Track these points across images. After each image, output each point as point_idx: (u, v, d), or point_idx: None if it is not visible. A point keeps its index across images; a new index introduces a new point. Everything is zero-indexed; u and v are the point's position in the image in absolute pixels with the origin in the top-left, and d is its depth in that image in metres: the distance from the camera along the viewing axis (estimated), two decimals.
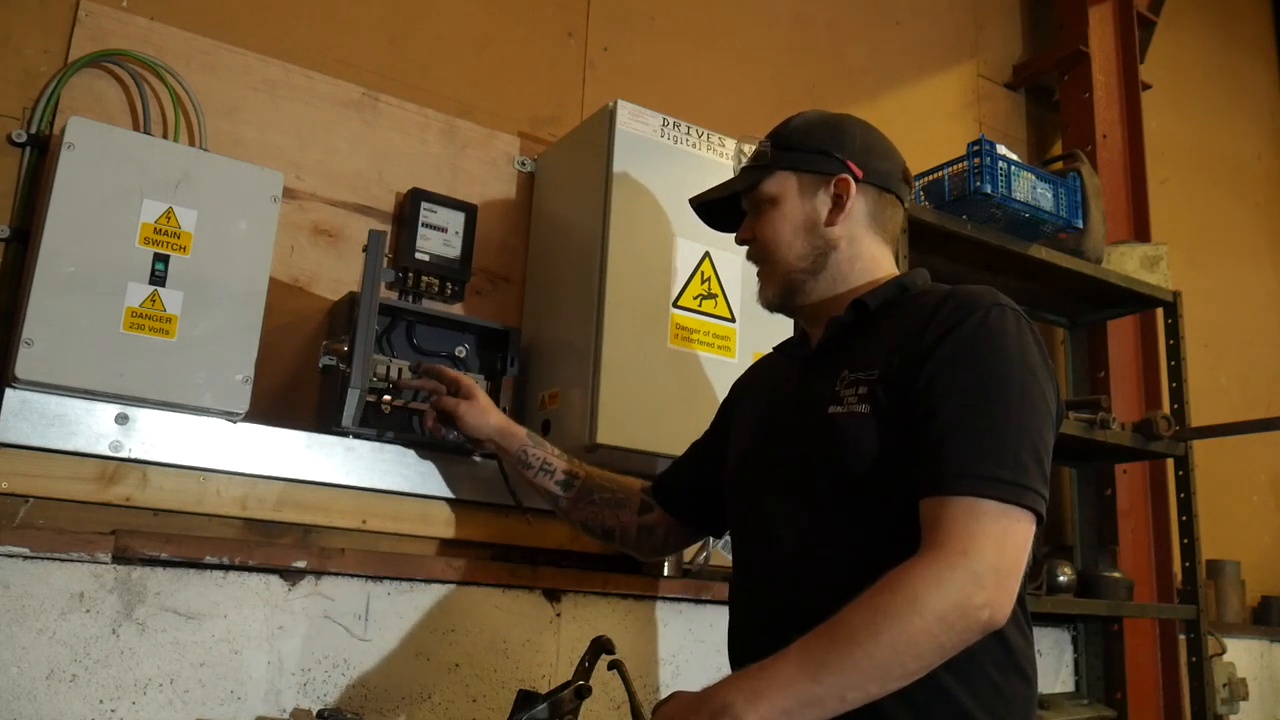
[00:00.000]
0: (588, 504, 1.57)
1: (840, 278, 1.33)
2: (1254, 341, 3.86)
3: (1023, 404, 1.10)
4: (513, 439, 1.58)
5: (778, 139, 1.37)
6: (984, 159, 2.31)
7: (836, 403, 1.21)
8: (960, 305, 1.17)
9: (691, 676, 1.97)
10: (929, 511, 1.08)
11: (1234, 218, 3.99)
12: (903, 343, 1.18)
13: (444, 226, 1.88)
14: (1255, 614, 3.44)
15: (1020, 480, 1.06)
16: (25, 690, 1.37)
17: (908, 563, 1.04)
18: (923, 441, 1.11)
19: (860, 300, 1.28)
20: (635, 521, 1.57)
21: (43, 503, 1.50)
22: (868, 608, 1.01)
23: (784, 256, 1.33)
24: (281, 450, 1.66)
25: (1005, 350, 1.13)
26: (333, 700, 1.60)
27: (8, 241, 1.57)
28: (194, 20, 1.78)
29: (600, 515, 1.57)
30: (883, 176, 1.35)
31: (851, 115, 1.40)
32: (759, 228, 1.36)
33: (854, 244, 1.33)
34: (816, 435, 1.22)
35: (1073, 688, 2.86)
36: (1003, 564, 1.03)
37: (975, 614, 1.01)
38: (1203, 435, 2.82)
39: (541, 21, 2.24)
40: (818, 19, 2.76)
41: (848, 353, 1.25)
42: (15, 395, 1.44)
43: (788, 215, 1.34)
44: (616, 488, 1.58)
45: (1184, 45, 3.92)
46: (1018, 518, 1.06)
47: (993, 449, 1.07)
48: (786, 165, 1.34)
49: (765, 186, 1.35)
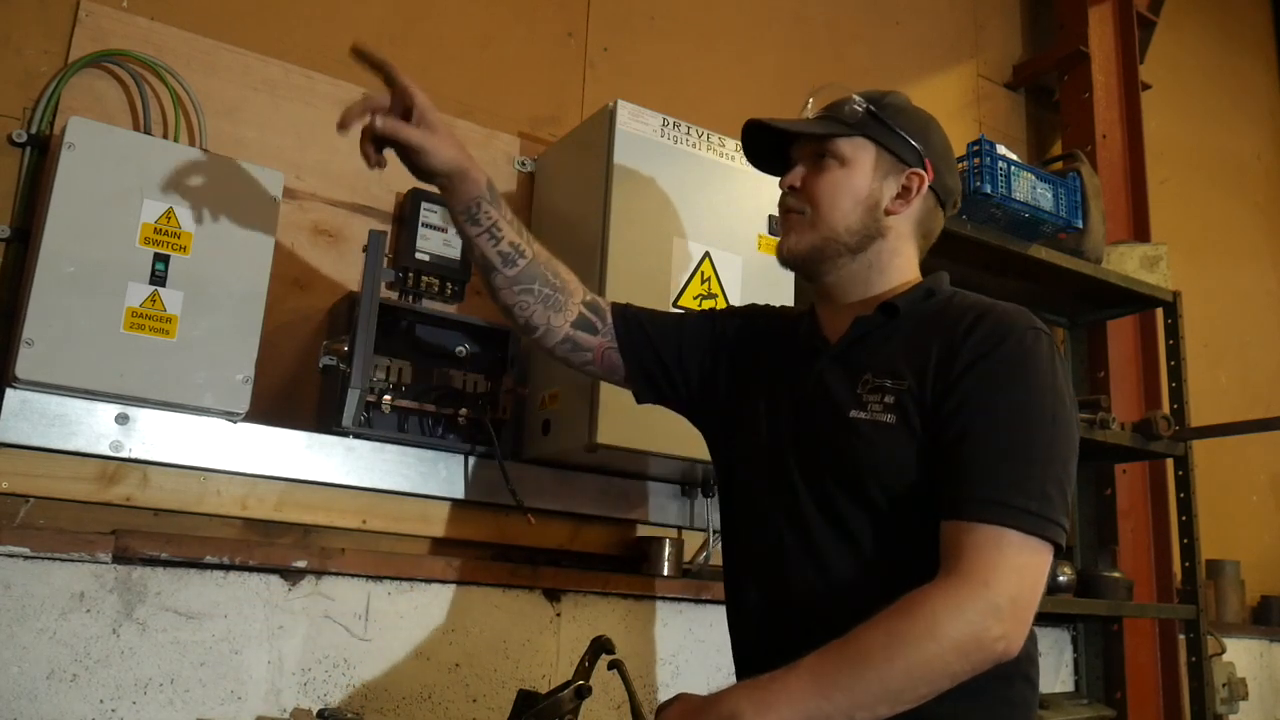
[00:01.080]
0: (524, 291, 1.36)
1: (876, 267, 1.29)
2: (1254, 341, 3.86)
3: (1054, 433, 1.10)
4: (470, 183, 1.30)
5: (874, 104, 1.29)
6: (984, 159, 2.31)
7: (859, 407, 1.18)
8: (997, 326, 1.16)
9: (691, 676, 1.97)
10: (951, 535, 1.07)
11: (1234, 218, 3.99)
12: (936, 358, 1.16)
13: (444, 226, 1.88)
14: (1255, 614, 3.44)
15: (1045, 512, 1.05)
16: (26, 690, 1.38)
17: (928, 587, 1.03)
18: (951, 462, 1.10)
19: (890, 303, 1.24)
20: (565, 330, 1.39)
21: (43, 503, 1.51)
22: (885, 630, 1.01)
23: (834, 221, 1.26)
24: (281, 450, 1.66)
25: (1039, 376, 1.12)
26: (333, 700, 1.60)
27: (8, 241, 1.57)
28: (194, 20, 1.78)
29: (531, 308, 1.36)
30: (946, 190, 1.33)
31: (937, 120, 1.36)
32: (815, 182, 1.28)
33: (899, 240, 1.29)
34: (837, 441, 1.19)
35: (1072, 687, 2.86)
36: (1021, 596, 1.03)
37: (991, 645, 1.01)
38: (1202, 435, 2.82)
39: (541, 21, 2.24)
40: (818, 19, 2.76)
41: (870, 354, 1.23)
42: (15, 395, 1.45)
43: (855, 184, 1.27)
44: (559, 286, 1.38)
45: (1184, 45, 3.92)
46: (1038, 549, 1.05)
47: (1021, 479, 1.06)
48: (874, 135, 1.27)
49: (842, 144, 1.27)
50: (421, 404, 1.75)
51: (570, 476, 1.94)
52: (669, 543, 1.92)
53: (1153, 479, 3.04)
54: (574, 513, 1.96)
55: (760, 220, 1.91)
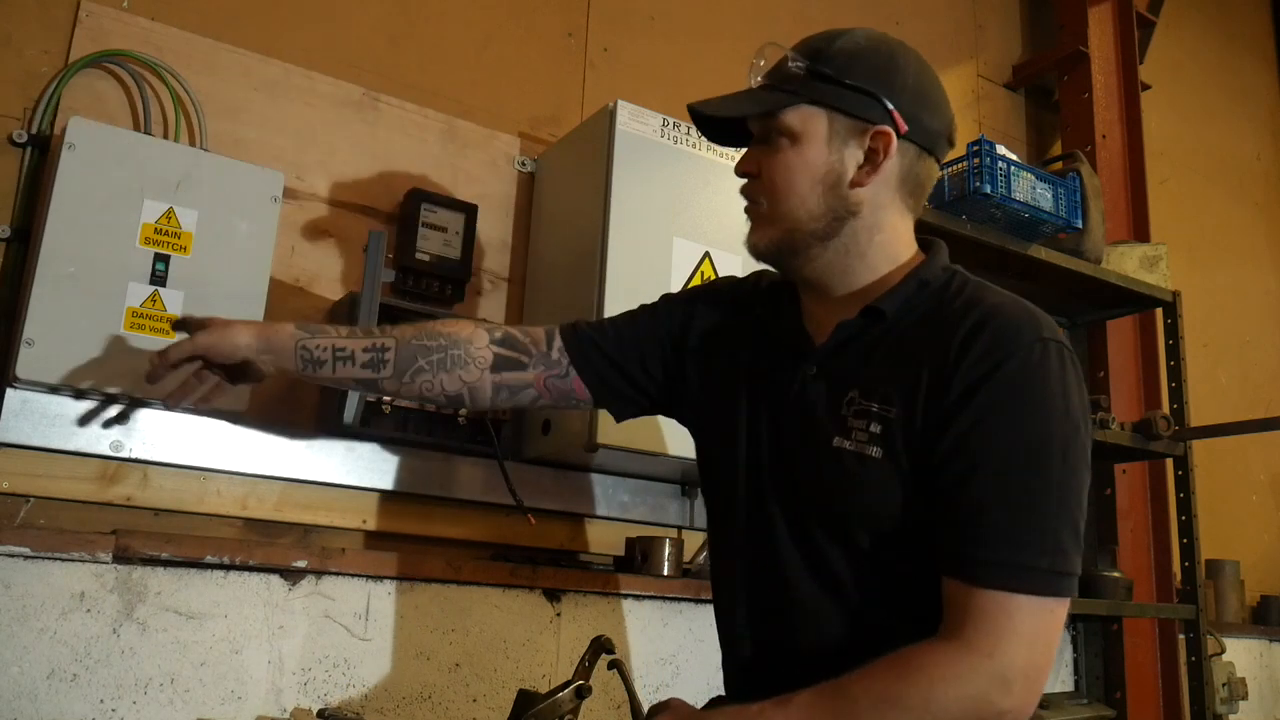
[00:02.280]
0: (415, 374, 1.24)
1: (855, 251, 1.10)
2: (1254, 341, 3.86)
3: (1065, 470, 0.97)
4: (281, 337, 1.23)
5: (816, 59, 1.10)
6: (984, 159, 2.31)
7: (843, 434, 1.05)
8: (998, 340, 1.00)
9: (691, 676, 1.97)
10: (955, 595, 0.97)
11: (1234, 218, 3.99)
12: (927, 382, 1.01)
13: (444, 226, 1.88)
14: (1254, 613, 3.44)
15: (1059, 567, 0.95)
16: (26, 690, 1.38)
17: (927, 648, 0.96)
18: (951, 510, 0.98)
19: (874, 308, 1.09)
20: (488, 379, 1.26)
21: (43, 502, 1.51)
22: (878, 692, 0.94)
23: (792, 209, 1.09)
24: (281, 450, 1.66)
25: (1049, 401, 0.98)
26: (333, 700, 1.60)
27: (8, 241, 1.57)
28: (194, 20, 1.78)
29: (437, 382, 1.25)
30: (929, 135, 1.11)
31: (905, 44, 1.15)
32: (768, 164, 1.11)
33: (878, 212, 1.10)
34: (819, 474, 1.06)
35: (1072, 687, 2.86)
36: (1032, 664, 0.94)
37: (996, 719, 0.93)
38: (1202, 435, 2.82)
39: (541, 21, 2.24)
40: (818, 19, 2.76)
41: (856, 366, 1.08)
42: (16, 395, 1.45)
43: (809, 161, 1.09)
44: (447, 343, 1.25)
45: (1184, 45, 3.92)
46: (1052, 608, 0.95)
47: (1031, 533, 0.95)
48: (820, 99, 1.08)
49: (787, 117, 1.09)
50: (421, 404, 1.75)
51: (570, 476, 1.94)
52: (669, 543, 1.92)
53: (1152, 479, 3.04)
54: (574, 513, 1.96)
55: None
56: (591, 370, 1.28)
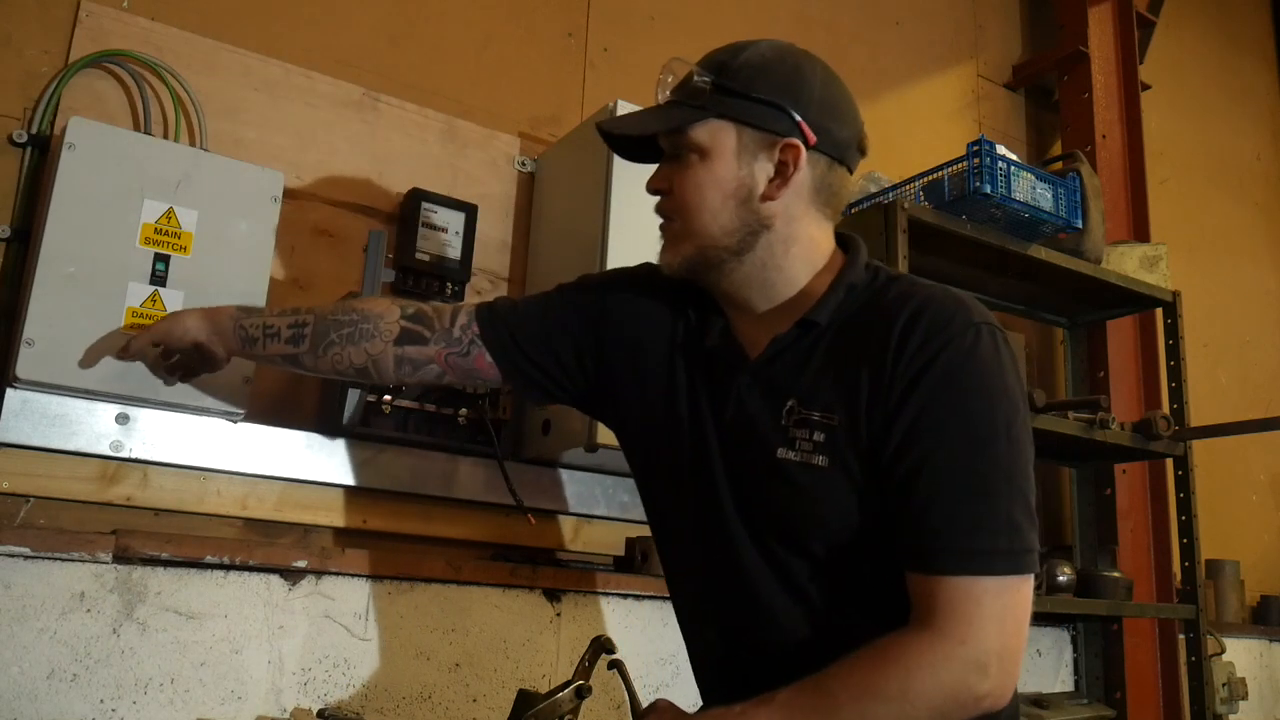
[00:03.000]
0: (327, 347, 1.28)
1: (771, 264, 1.10)
2: (1254, 341, 3.86)
3: (1012, 450, 0.99)
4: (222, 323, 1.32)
5: (722, 74, 1.09)
6: (983, 159, 2.31)
7: (786, 445, 1.05)
8: (931, 331, 1.01)
9: (691, 677, 1.97)
10: (920, 588, 0.98)
11: (1234, 218, 4.00)
12: (868, 386, 1.02)
13: (444, 226, 1.88)
14: (1254, 613, 3.44)
15: (1016, 545, 0.97)
16: (26, 690, 1.38)
17: (901, 639, 0.97)
18: (906, 506, 0.99)
19: (809, 319, 1.09)
20: (390, 352, 1.27)
21: (43, 502, 1.51)
22: (856, 684, 0.95)
23: (704, 226, 1.09)
24: (281, 450, 1.66)
25: (988, 385, 1.00)
26: (333, 700, 1.60)
27: (8, 241, 1.57)
28: (194, 20, 1.78)
29: (345, 355, 1.28)
30: (838, 146, 1.10)
31: (811, 55, 1.14)
32: (679, 180, 1.11)
33: (792, 223, 1.10)
34: (767, 485, 1.07)
35: (1072, 687, 2.86)
36: (1005, 645, 0.96)
37: (975, 704, 0.95)
38: (1202, 435, 2.82)
39: (541, 21, 2.24)
40: (818, 20, 2.76)
41: (793, 376, 1.08)
42: (16, 395, 1.45)
43: (718, 177, 1.08)
44: (360, 318, 1.28)
45: (1184, 45, 3.92)
46: (1017, 586, 0.97)
47: (985, 514, 0.97)
48: (727, 113, 1.08)
49: (695, 133, 1.08)
50: (421, 404, 1.75)
51: (570, 476, 1.94)
52: None
53: (1152, 479, 3.04)
54: (574, 513, 1.96)
55: None
56: (500, 350, 1.26)
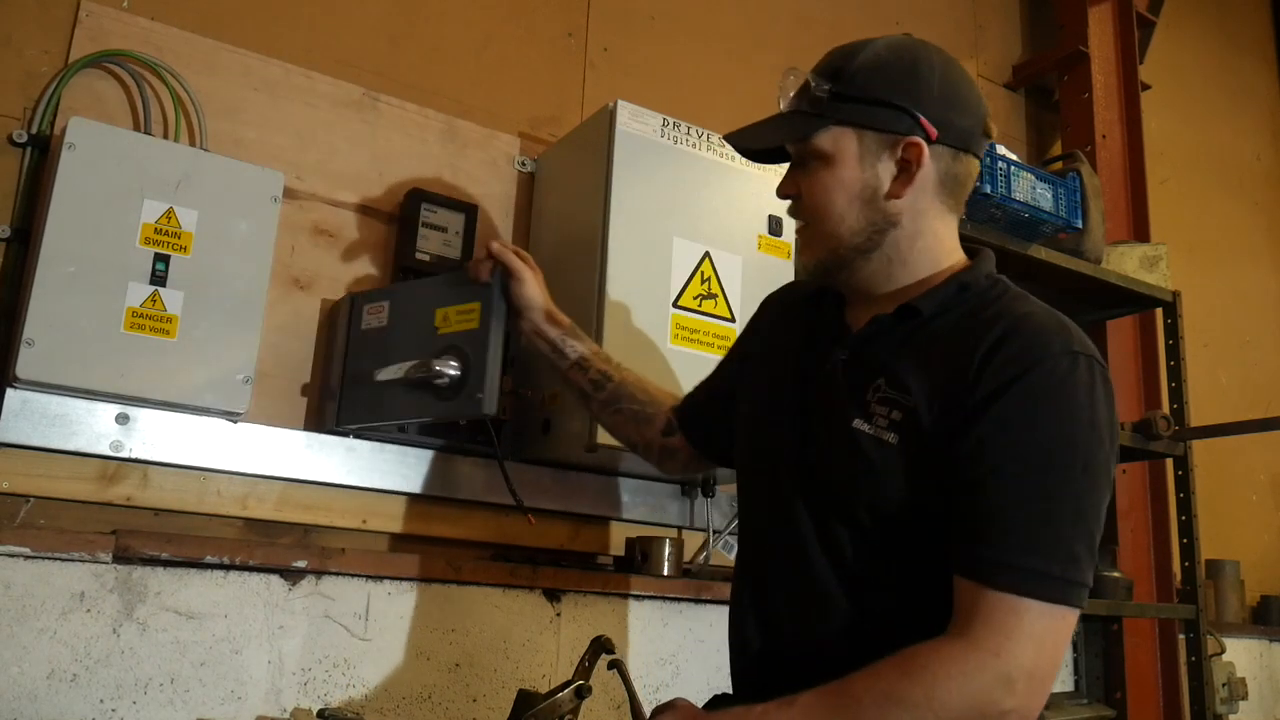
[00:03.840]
0: (614, 411, 1.47)
1: (898, 259, 1.13)
2: (1254, 341, 3.86)
3: (1084, 480, 0.98)
4: (554, 323, 1.47)
5: (838, 80, 1.11)
6: (984, 159, 2.31)
7: (864, 417, 1.07)
8: (1025, 349, 1.01)
9: (691, 676, 1.97)
10: (965, 594, 0.98)
11: (1234, 218, 3.99)
12: (947, 379, 1.03)
13: (444, 226, 1.88)
14: (1254, 614, 3.44)
15: (1070, 575, 0.96)
16: (26, 690, 1.38)
17: (933, 646, 0.96)
18: (967, 509, 0.99)
19: (911, 305, 1.11)
20: (659, 441, 1.46)
21: (43, 502, 1.51)
22: (882, 690, 0.95)
23: (834, 228, 1.12)
24: (281, 450, 1.66)
25: (1074, 412, 0.99)
26: (333, 700, 1.60)
27: (8, 241, 1.57)
28: (194, 20, 1.78)
29: (624, 426, 1.48)
30: (962, 135, 1.11)
31: (929, 45, 1.15)
32: (807, 186, 1.14)
33: (918, 219, 1.12)
34: (837, 453, 1.09)
35: (1072, 687, 2.86)
36: (1038, 667, 0.95)
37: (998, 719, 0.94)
38: (1202, 435, 2.82)
39: (541, 21, 2.24)
40: (818, 19, 2.76)
41: (887, 356, 1.10)
42: (16, 395, 1.45)
43: (843, 181, 1.11)
44: (646, 401, 1.46)
45: (1184, 45, 3.92)
46: (1062, 615, 0.96)
47: (1046, 539, 0.96)
48: (846, 119, 1.10)
49: (817, 141, 1.11)
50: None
51: (570, 476, 1.94)
52: (669, 543, 1.92)
53: (1152, 479, 3.04)
54: (574, 513, 1.96)
55: (760, 220, 1.91)
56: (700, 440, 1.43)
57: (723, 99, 2.46)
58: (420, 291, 1.60)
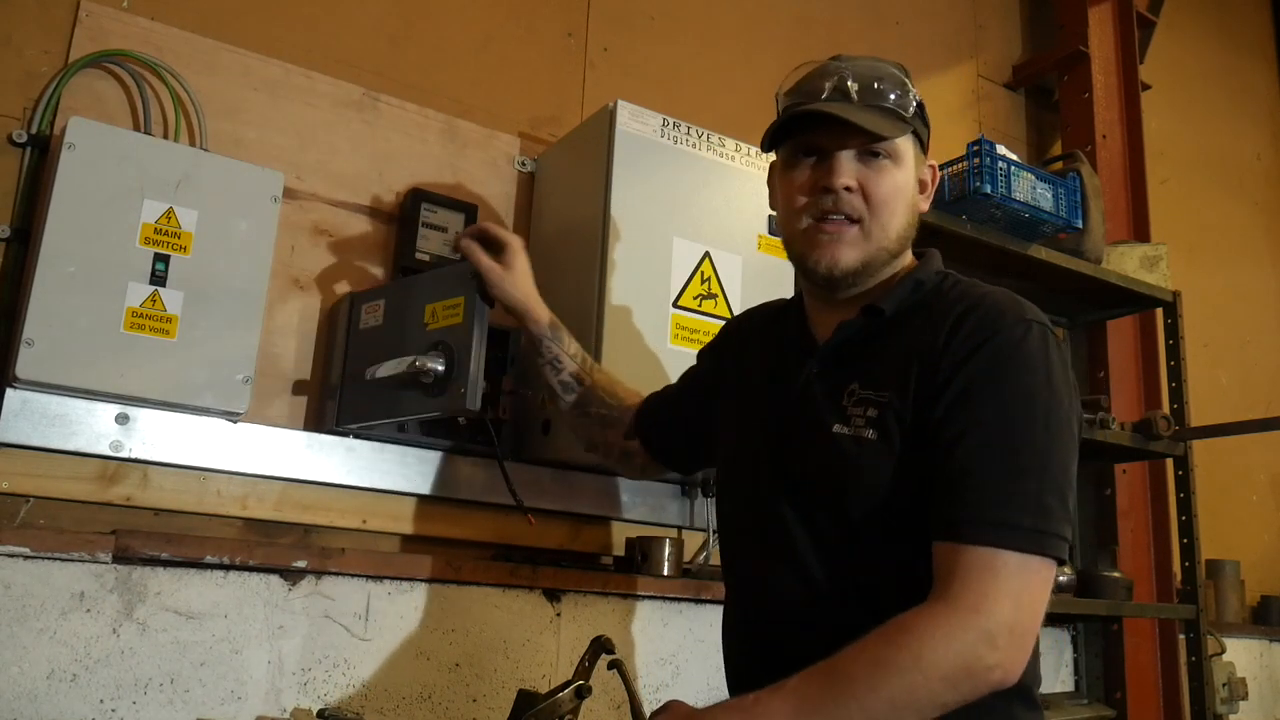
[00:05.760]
0: (582, 414, 1.52)
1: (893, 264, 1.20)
2: (1254, 341, 3.86)
3: (1048, 436, 1.02)
4: (531, 322, 1.49)
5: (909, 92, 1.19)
6: (984, 159, 2.31)
7: (842, 421, 1.12)
8: (983, 322, 1.07)
9: (691, 676, 1.97)
10: (942, 557, 1.01)
11: (1234, 218, 3.99)
12: (918, 363, 1.08)
13: (444, 226, 1.88)
14: (1255, 614, 3.44)
15: (1041, 526, 0.99)
16: (26, 690, 1.38)
17: (915, 612, 0.99)
18: (940, 478, 1.03)
19: (875, 306, 1.16)
20: (620, 444, 1.51)
21: (43, 502, 1.51)
22: (869, 659, 0.97)
23: (888, 227, 1.16)
24: (281, 450, 1.66)
25: (1030, 374, 1.04)
26: (333, 700, 1.60)
27: (8, 241, 1.57)
28: (194, 20, 1.78)
29: (590, 429, 1.53)
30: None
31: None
32: (873, 181, 1.15)
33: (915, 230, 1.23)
34: (819, 456, 1.13)
35: (1072, 687, 2.86)
36: (1019, 621, 0.98)
37: (984, 675, 0.96)
38: (1202, 435, 2.82)
39: (541, 21, 2.24)
40: (818, 20, 2.76)
41: (858, 362, 1.15)
42: (16, 395, 1.45)
43: (907, 184, 1.18)
44: (614, 405, 1.51)
45: (1184, 45, 3.92)
46: (1038, 568, 0.99)
47: (1014, 492, 0.99)
48: (916, 130, 1.20)
49: (901, 142, 1.17)
50: None
51: (570, 476, 1.94)
52: (669, 543, 1.92)
53: (1153, 479, 3.04)
54: (574, 513, 1.96)
55: (760, 220, 1.91)
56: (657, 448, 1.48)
57: (723, 99, 2.46)
58: (412, 289, 1.61)
